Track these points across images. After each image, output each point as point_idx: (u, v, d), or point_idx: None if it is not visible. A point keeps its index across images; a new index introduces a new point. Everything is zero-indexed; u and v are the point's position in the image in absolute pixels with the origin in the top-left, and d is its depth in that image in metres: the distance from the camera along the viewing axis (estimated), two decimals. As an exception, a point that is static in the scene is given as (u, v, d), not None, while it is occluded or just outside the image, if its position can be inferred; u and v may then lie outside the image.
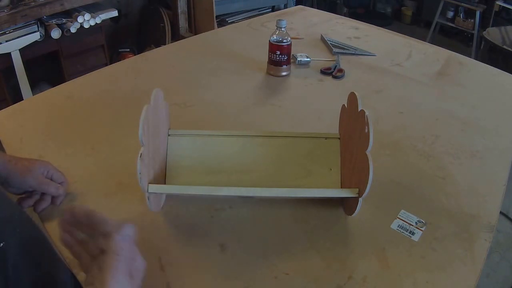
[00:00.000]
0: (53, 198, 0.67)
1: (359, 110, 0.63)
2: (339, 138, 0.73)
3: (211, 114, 0.95)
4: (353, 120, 0.66)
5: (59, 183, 0.68)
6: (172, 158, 0.71)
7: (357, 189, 0.61)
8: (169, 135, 0.72)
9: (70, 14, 2.01)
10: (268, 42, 1.10)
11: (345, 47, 1.31)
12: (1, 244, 0.45)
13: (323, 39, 1.37)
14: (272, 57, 1.10)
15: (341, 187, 0.70)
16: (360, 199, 0.60)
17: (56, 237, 0.63)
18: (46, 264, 0.52)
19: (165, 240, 0.64)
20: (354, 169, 0.64)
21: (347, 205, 0.67)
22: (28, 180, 0.64)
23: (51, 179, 0.67)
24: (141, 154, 0.56)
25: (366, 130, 0.59)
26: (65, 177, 0.70)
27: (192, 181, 0.70)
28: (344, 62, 1.21)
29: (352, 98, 0.67)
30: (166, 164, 0.71)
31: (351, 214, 0.64)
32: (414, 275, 0.59)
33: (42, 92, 1.02)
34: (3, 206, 0.51)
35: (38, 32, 1.86)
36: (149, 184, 0.60)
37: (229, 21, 2.78)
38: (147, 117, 0.59)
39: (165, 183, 0.69)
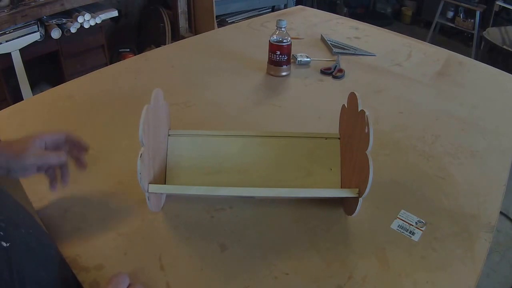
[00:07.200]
0: (61, 172, 0.65)
1: (359, 110, 0.63)
2: (339, 138, 0.73)
3: (211, 114, 0.95)
4: (353, 120, 0.66)
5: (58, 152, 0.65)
6: (172, 158, 0.71)
7: (357, 189, 0.61)
8: (169, 135, 0.72)
9: (70, 14, 2.01)
10: (268, 42, 1.10)
11: (345, 47, 1.31)
12: (7, 245, 0.45)
13: (323, 39, 1.37)
14: (272, 57, 1.10)
15: (341, 187, 0.70)
16: (360, 199, 0.60)
17: (59, 239, 0.63)
18: (51, 265, 0.52)
19: (165, 240, 0.64)
20: (354, 169, 0.64)
21: (347, 205, 0.67)
22: (27, 158, 0.61)
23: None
24: (141, 154, 0.56)
25: (366, 130, 0.59)
26: (62, 132, 0.66)
27: (192, 181, 0.70)
28: (344, 62, 1.21)
29: (352, 98, 0.67)
30: (166, 164, 0.71)
31: (351, 214, 0.64)
32: (414, 275, 0.59)
33: (42, 92, 1.02)
34: (9, 207, 0.51)
35: (38, 32, 1.86)
36: (149, 184, 0.60)
37: (229, 21, 2.78)
38: (147, 117, 0.59)
39: (165, 183, 0.69)
